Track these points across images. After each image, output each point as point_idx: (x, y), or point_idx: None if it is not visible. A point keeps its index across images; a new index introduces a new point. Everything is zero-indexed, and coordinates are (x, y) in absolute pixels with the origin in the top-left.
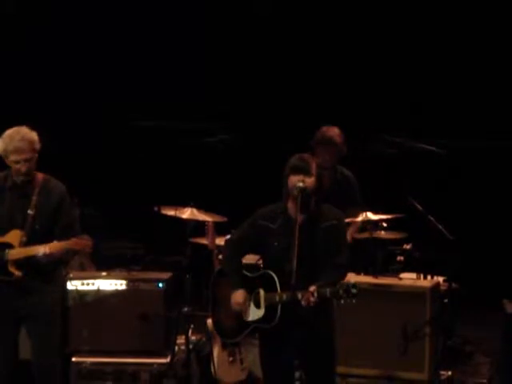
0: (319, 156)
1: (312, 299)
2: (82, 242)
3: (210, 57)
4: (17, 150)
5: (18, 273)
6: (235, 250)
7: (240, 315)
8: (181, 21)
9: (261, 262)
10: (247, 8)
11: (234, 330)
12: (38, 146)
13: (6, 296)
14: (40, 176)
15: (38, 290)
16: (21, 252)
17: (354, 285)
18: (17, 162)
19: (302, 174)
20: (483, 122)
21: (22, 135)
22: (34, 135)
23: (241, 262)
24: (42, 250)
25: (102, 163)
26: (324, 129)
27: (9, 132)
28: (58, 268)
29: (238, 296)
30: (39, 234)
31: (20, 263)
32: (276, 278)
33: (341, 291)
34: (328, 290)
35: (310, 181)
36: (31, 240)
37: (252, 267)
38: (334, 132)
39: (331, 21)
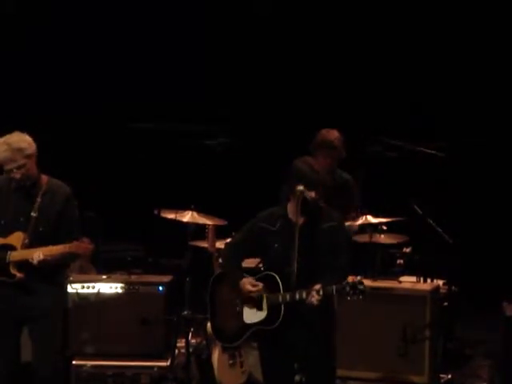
0: (319, 159)
1: (317, 297)
2: (84, 245)
3: (210, 58)
4: (5, 161)
5: (19, 274)
6: (235, 252)
7: (240, 318)
8: (181, 22)
9: (261, 265)
10: (247, 9)
11: (234, 334)
12: (29, 151)
13: (7, 297)
14: (45, 178)
15: (39, 291)
16: (21, 254)
17: (361, 281)
18: (9, 171)
19: (314, 190)
20: (483, 124)
21: (8, 144)
22: (22, 142)
23: (240, 263)
24: (36, 254)
25: (101, 166)
26: (324, 132)
27: None
28: (59, 270)
29: (248, 282)
30: (43, 236)
31: (21, 265)
32: (279, 279)
33: (347, 288)
34: (334, 287)
35: (317, 194)
36: (34, 242)
37: (252, 271)
38: (334, 135)
39: (331, 23)
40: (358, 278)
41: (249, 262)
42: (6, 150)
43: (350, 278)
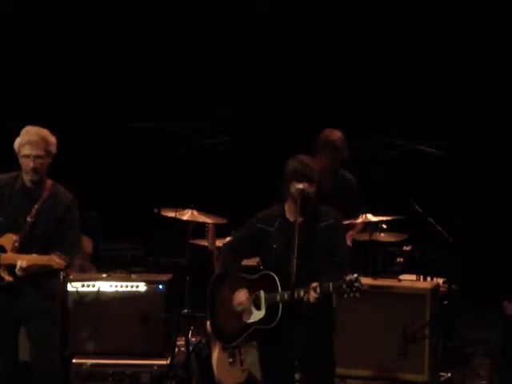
0: (322, 159)
1: (315, 295)
2: (58, 261)
3: (210, 57)
4: (29, 143)
5: (8, 278)
6: (233, 253)
7: (240, 318)
8: (181, 21)
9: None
10: (247, 8)
11: (234, 334)
12: (52, 148)
13: (3, 298)
14: (49, 182)
15: (34, 291)
16: (10, 258)
17: (357, 278)
18: (27, 156)
19: (306, 182)
20: (483, 123)
21: (38, 131)
22: (51, 137)
23: (239, 264)
24: (19, 261)
25: (102, 165)
26: (327, 132)
27: (26, 127)
28: (52, 273)
29: (241, 296)
30: (40, 239)
31: (11, 268)
32: (276, 278)
33: (344, 286)
34: (331, 284)
35: (312, 187)
36: (26, 246)
37: (252, 269)
38: (337, 136)
39: (332, 21)
40: (355, 275)
41: (249, 261)
42: (35, 135)
43: (347, 276)
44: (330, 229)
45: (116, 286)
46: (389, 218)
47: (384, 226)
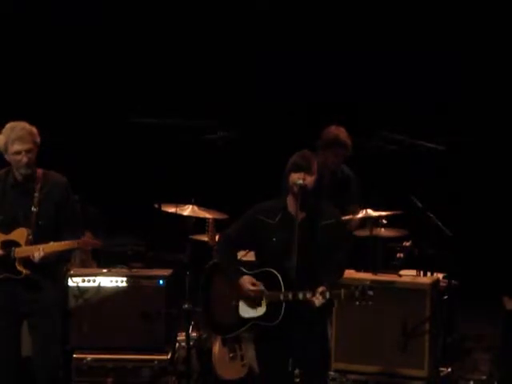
0: (327, 157)
1: (322, 300)
2: (92, 241)
3: (210, 53)
4: (19, 139)
5: (25, 271)
6: (231, 244)
7: (236, 312)
8: (180, 18)
9: (244, 258)
10: (247, 4)
11: (230, 327)
12: (38, 139)
13: (10, 294)
14: (40, 171)
15: (41, 286)
16: (26, 250)
17: (371, 286)
18: (18, 153)
19: (303, 172)
20: (483, 118)
21: (22, 126)
22: (33, 128)
23: (236, 256)
24: (36, 251)
25: (102, 160)
26: (334, 130)
27: (8, 125)
28: (60, 265)
29: (248, 280)
30: (43, 231)
31: (26, 261)
32: (280, 277)
33: (357, 293)
34: (342, 291)
35: (310, 179)
36: (37, 237)
37: (250, 265)
38: (344, 134)
39: (331, 16)
40: (367, 283)
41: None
42: (22, 129)
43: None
44: (331, 228)
45: (116, 281)
46: (388, 213)
47: (384, 222)
